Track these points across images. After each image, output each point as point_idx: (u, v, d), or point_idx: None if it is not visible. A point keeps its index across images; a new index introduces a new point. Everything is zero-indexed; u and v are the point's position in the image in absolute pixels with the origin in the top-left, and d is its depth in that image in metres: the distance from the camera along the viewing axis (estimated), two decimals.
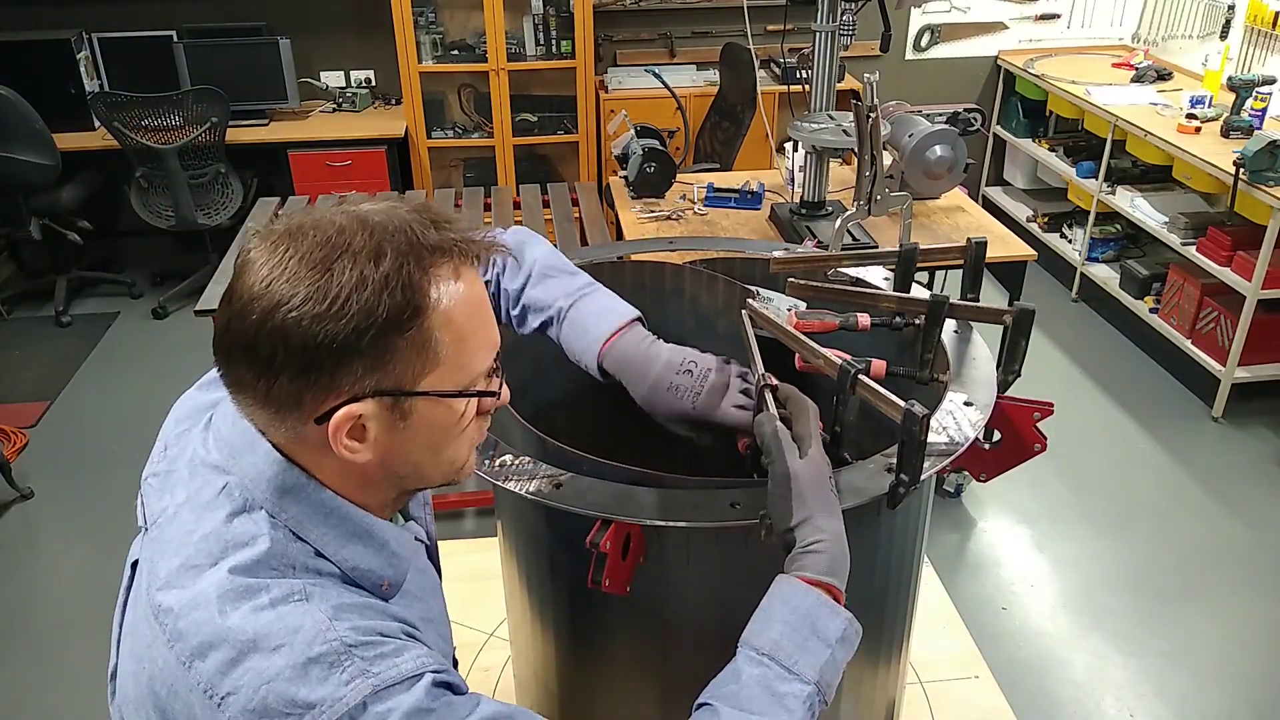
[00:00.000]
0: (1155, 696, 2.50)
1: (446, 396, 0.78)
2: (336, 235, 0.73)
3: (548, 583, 1.14)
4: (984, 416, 1.03)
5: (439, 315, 0.75)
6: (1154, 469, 3.36)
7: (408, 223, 0.75)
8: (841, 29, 2.75)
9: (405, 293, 0.72)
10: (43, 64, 4.31)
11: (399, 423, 0.77)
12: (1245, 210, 3.41)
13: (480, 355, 0.80)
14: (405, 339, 0.73)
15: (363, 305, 0.71)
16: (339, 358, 0.72)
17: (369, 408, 0.74)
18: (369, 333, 0.71)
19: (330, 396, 0.74)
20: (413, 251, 0.74)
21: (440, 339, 0.75)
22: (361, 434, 0.76)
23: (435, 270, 0.75)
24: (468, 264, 0.78)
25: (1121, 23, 5.01)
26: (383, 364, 0.73)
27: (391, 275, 0.72)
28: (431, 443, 0.80)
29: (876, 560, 1.07)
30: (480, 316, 0.80)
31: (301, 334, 0.70)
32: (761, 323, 1.10)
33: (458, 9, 4.62)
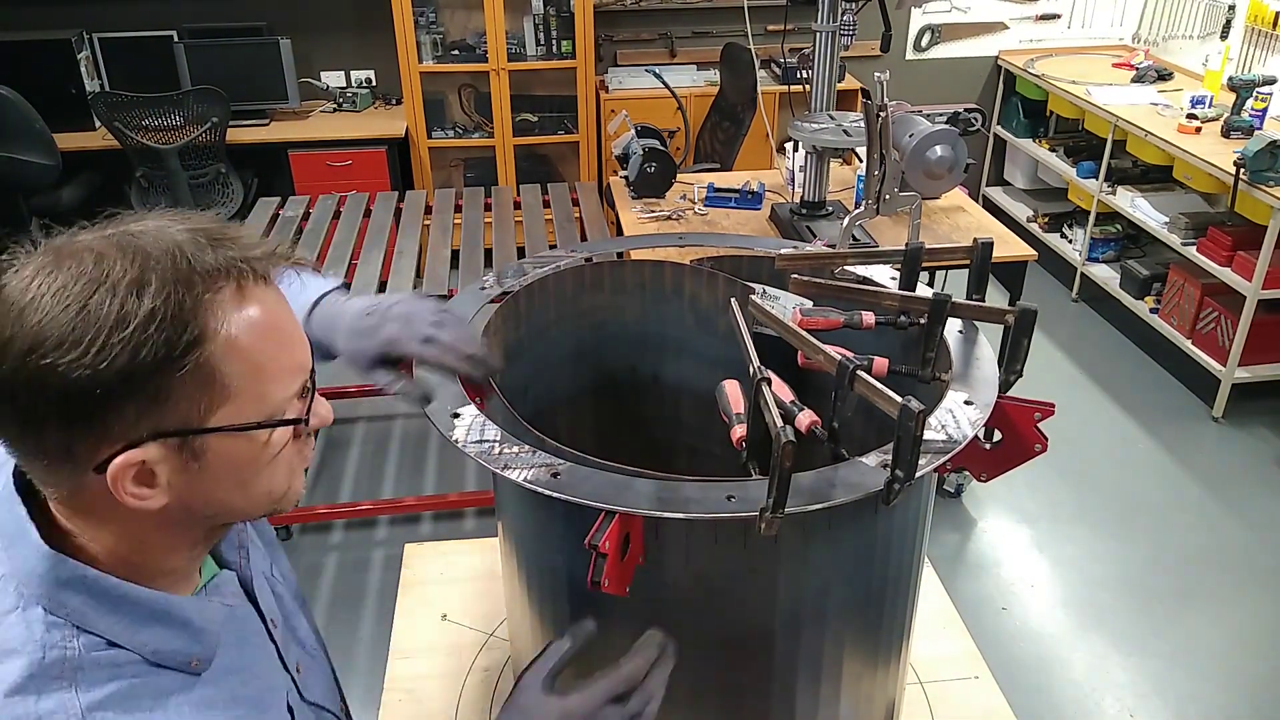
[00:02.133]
0: (1155, 696, 2.50)
1: (243, 430, 0.71)
2: (94, 265, 0.65)
3: (548, 583, 1.14)
4: (984, 416, 1.03)
5: (221, 345, 0.68)
6: (1154, 469, 3.36)
7: (178, 244, 0.68)
8: (842, 29, 2.75)
9: (175, 326, 0.65)
10: (43, 64, 4.31)
11: (192, 463, 0.70)
12: (1245, 210, 3.41)
13: (282, 382, 0.73)
14: (180, 376, 0.66)
15: (125, 344, 0.63)
16: (106, 403, 0.65)
17: (152, 452, 0.67)
18: (136, 374, 0.64)
19: (104, 445, 0.66)
20: (182, 278, 0.66)
21: (226, 370, 0.68)
22: (150, 480, 0.69)
23: (213, 296, 0.67)
24: (256, 283, 0.71)
25: (1122, 23, 5.01)
26: (159, 405, 0.66)
27: (158, 308, 0.64)
28: (236, 479, 0.73)
29: (876, 559, 1.07)
30: (278, 340, 0.72)
31: (60, 380, 0.63)
32: (763, 319, 1.10)
33: (458, 9, 4.62)
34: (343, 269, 2.88)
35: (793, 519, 0.88)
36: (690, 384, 1.45)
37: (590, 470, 0.96)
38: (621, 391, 1.50)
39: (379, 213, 3.32)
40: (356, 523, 3.13)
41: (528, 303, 1.36)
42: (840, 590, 1.06)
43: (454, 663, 1.54)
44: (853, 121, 2.76)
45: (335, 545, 3.05)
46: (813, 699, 1.12)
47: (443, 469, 3.39)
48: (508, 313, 1.32)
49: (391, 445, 3.51)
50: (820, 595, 1.05)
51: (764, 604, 1.03)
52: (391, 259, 2.99)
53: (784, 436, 0.84)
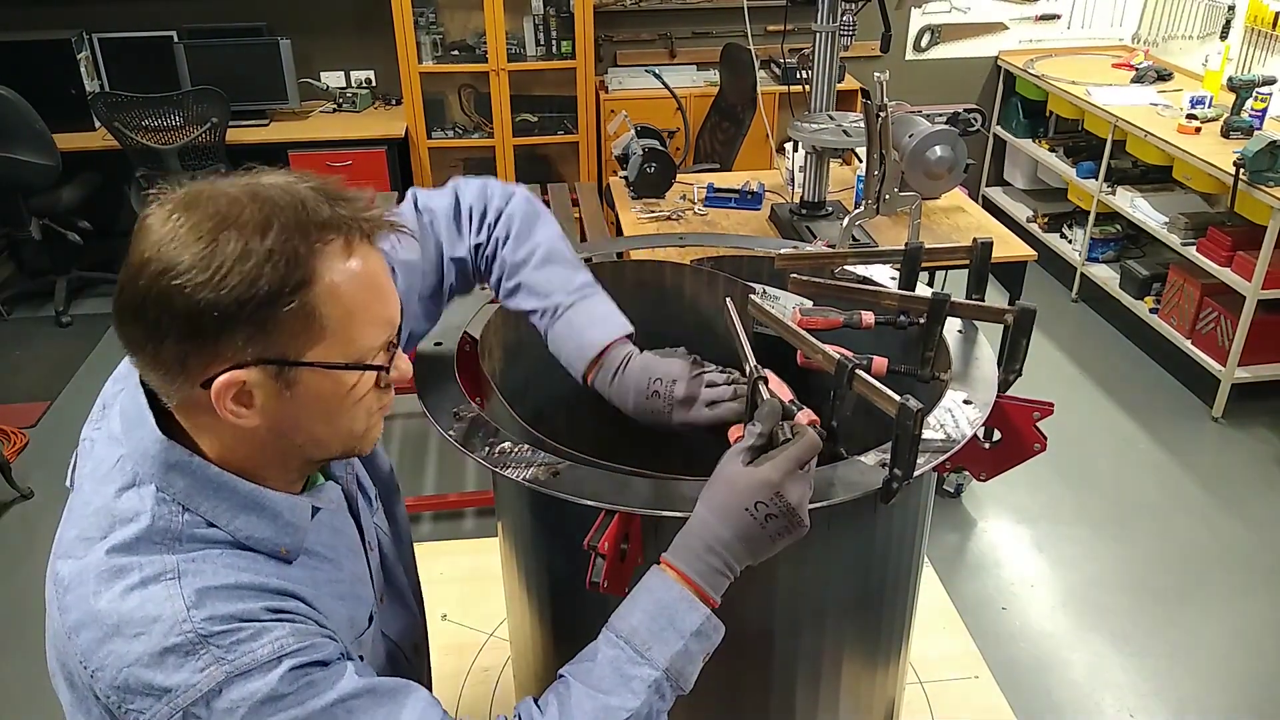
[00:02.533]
0: (1155, 696, 2.49)
1: (332, 369, 0.79)
2: (227, 206, 0.74)
3: (548, 583, 1.14)
4: (983, 415, 1.03)
5: (324, 290, 0.76)
6: (1154, 469, 3.35)
7: (302, 198, 0.77)
8: (842, 29, 2.75)
9: (288, 266, 0.74)
10: (43, 64, 4.31)
11: (285, 391, 0.78)
12: (1245, 210, 3.41)
13: (370, 331, 0.81)
14: (287, 311, 0.75)
15: (244, 276, 0.72)
16: (221, 325, 0.73)
17: (253, 375, 0.76)
18: (250, 303, 0.73)
19: (214, 362, 0.76)
20: (300, 226, 0.75)
21: (325, 313, 0.77)
22: (248, 400, 0.78)
23: (324, 246, 0.77)
24: (362, 241, 0.80)
25: (1122, 23, 5.01)
26: (265, 334, 0.75)
27: (276, 249, 0.74)
28: (323, 412, 0.82)
29: (875, 558, 1.07)
30: (373, 293, 0.81)
31: (185, 300, 0.72)
32: (763, 318, 1.10)
33: (458, 9, 4.62)
34: None
35: None
36: None
37: (589, 470, 0.96)
38: None
39: None
40: None
41: None
42: (839, 589, 1.06)
43: (454, 663, 1.54)
44: (852, 122, 2.76)
45: None
46: (812, 699, 1.12)
47: (443, 469, 3.39)
48: (508, 312, 1.32)
49: (391, 445, 3.51)
50: (819, 594, 1.05)
51: (763, 603, 1.03)
52: None
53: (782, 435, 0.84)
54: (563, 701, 0.84)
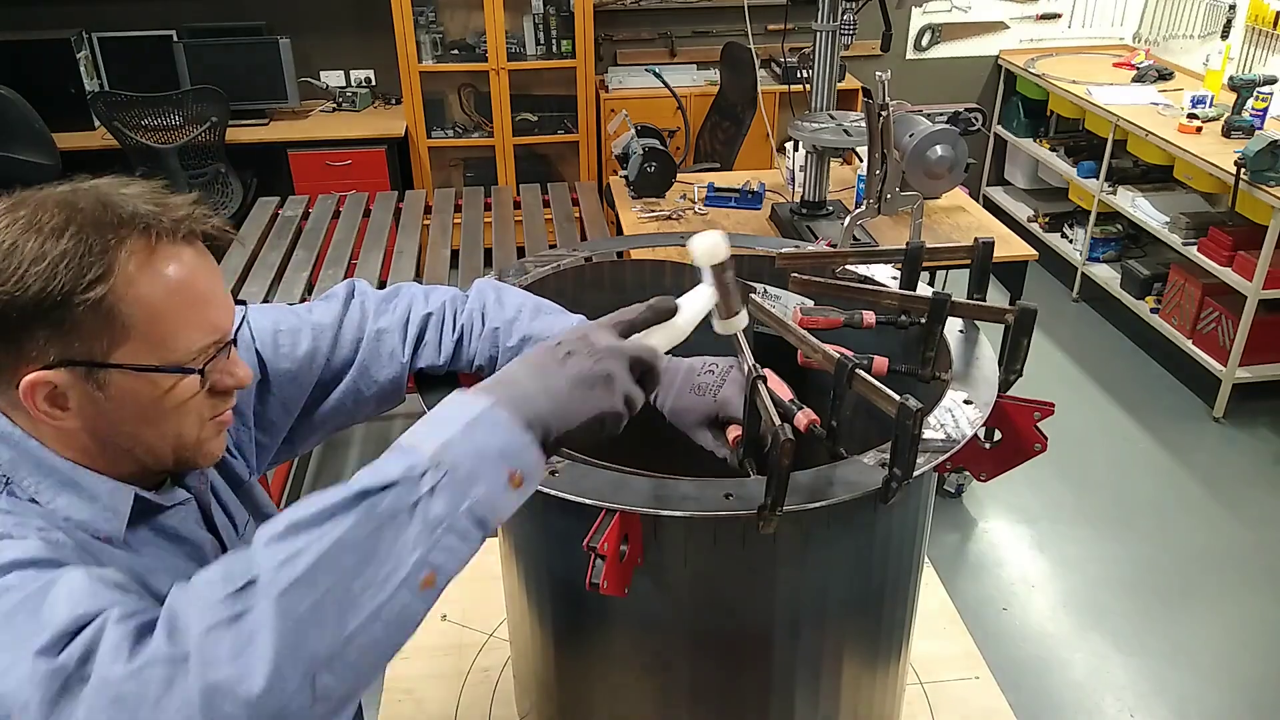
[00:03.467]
0: (1156, 697, 2.49)
1: (140, 370, 0.79)
2: (33, 211, 0.76)
3: (547, 583, 1.13)
4: (983, 415, 1.03)
5: (122, 288, 0.76)
6: (1155, 469, 3.35)
7: (107, 199, 0.78)
8: (842, 29, 2.74)
9: (83, 264, 0.75)
10: (43, 64, 4.31)
11: (96, 393, 0.79)
12: (1246, 210, 3.41)
13: (186, 334, 0.80)
14: (83, 310, 0.75)
15: (39, 276, 0.74)
16: (21, 325, 0.75)
17: (61, 377, 0.77)
18: (45, 302, 0.74)
19: (21, 365, 0.77)
20: (97, 226, 0.76)
21: (127, 312, 0.77)
22: (63, 402, 0.78)
23: (125, 245, 0.76)
24: (173, 241, 0.79)
25: (1122, 22, 5.01)
26: (65, 334, 0.76)
27: (69, 249, 0.74)
28: (141, 416, 0.81)
29: (875, 558, 1.07)
30: (188, 296, 0.80)
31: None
32: (763, 317, 1.10)
33: (458, 9, 4.62)
34: (342, 269, 2.88)
35: (791, 517, 0.88)
36: None
37: (588, 469, 0.96)
38: None
39: (378, 213, 3.32)
40: None
41: None
42: (839, 589, 1.06)
43: (454, 663, 1.54)
44: (853, 121, 2.75)
45: None
46: (812, 699, 1.11)
47: None
48: None
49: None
50: (819, 594, 1.05)
51: (763, 603, 1.03)
52: (391, 259, 2.99)
53: (782, 434, 0.84)
54: None
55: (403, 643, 0.69)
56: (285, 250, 3.02)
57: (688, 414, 1.06)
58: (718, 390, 1.04)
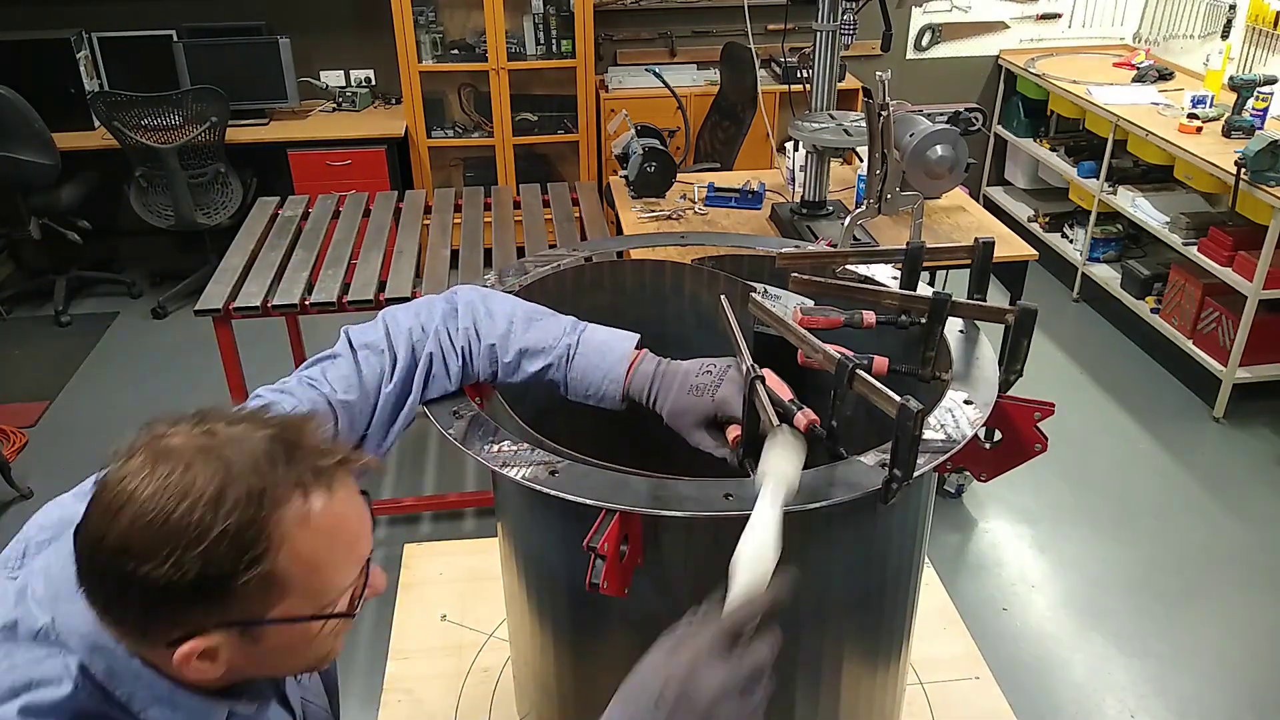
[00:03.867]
0: (1156, 697, 2.49)
1: (299, 621, 0.79)
2: (180, 474, 0.73)
3: (547, 583, 1.13)
4: (983, 415, 1.03)
5: (285, 554, 0.75)
6: (1155, 469, 3.35)
7: (256, 457, 0.75)
8: (842, 28, 2.74)
9: (244, 542, 0.73)
10: (43, 64, 4.30)
11: (251, 646, 0.78)
12: (1246, 210, 3.41)
13: (338, 577, 0.80)
14: (248, 583, 0.74)
15: (198, 559, 0.71)
16: (180, 602, 0.73)
17: (215, 639, 0.76)
18: (205, 583, 0.72)
19: (176, 630, 0.75)
20: (255, 494, 0.74)
21: (288, 574, 0.76)
22: (213, 656, 0.77)
23: (282, 511, 0.75)
24: (323, 491, 0.78)
25: (1123, 22, 5.01)
26: (226, 604, 0.74)
27: (230, 526, 0.72)
28: (289, 654, 0.82)
29: (875, 559, 1.07)
30: (338, 540, 0.80)
31: (142, 584, 0.72)
32: (763, 317, 1.09)
33: (458, 8, 4.62)
34: (342, 269, 2.88)
35: (791, 518, 0.88)
36: None
37: (588, 469, 0.95)
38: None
39: (378, 212, 3.32)
40: None
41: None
42: (839, 590, 1.06)
43: (454, 663, 1.54)
44: (853, 121, 2.75)
45: None
46: (812, 699, 1.11)
47: (442, 469, 3.39)
48: None
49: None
50: (819, 595, 1.05)
51: None
52: (391, 259, 2.99)
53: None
54: None
55: None
56: (285, 250, 3.01)
57: (685, 416, 1.06)
58: (715, 390, 1.04)
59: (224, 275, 2.85)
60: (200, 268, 4.47)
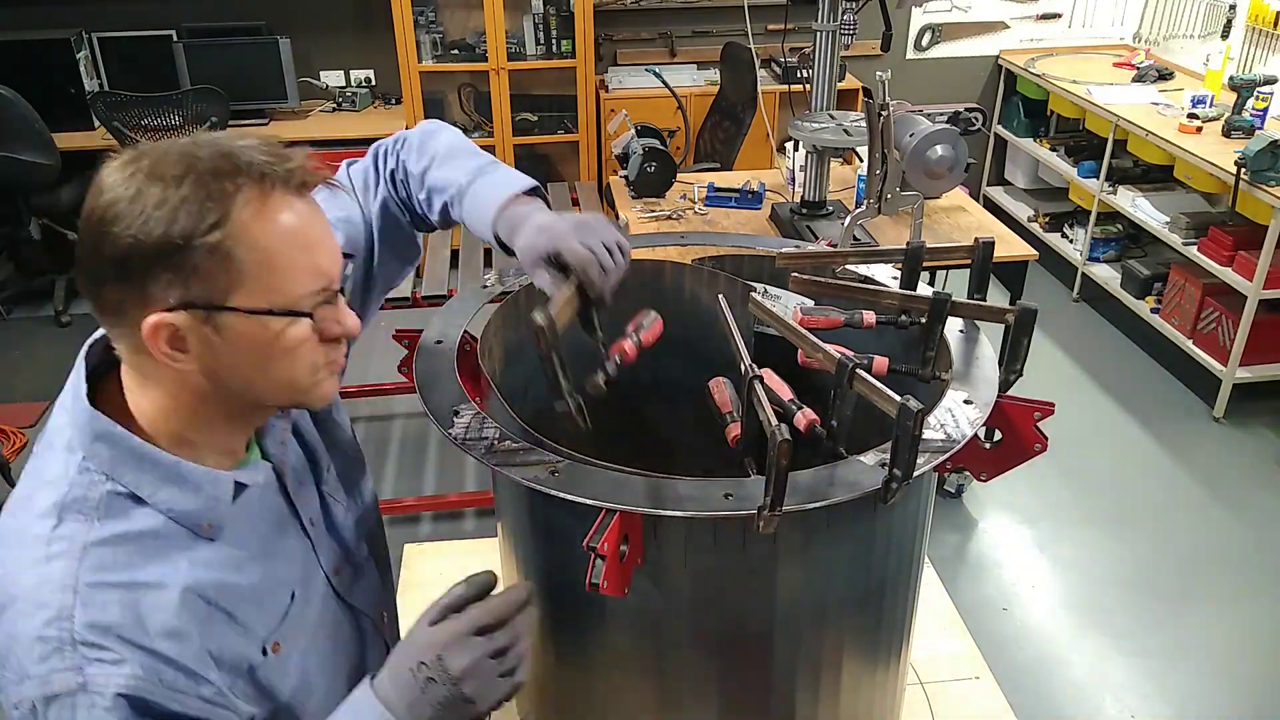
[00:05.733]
0: (1156, 697, 2.49)
1: (254, 314, 0.81)
2: (155, 162, 0.80)
3: (547, 583, 1.13)
4: (983, 415, 1.03)
5: (237, 233, 0.79)
6: (1155, 469, 3.35)
7: (227, 149, 0.81)
8: (842, 28, 2.74)
9: (201, 210, 0.78)
10: (43, 64, 4.30)
11: (214, 336, 0.81)
12: (1246, 210, 3.41)
13: (296, 278, 0.83)
14: (202, 254, 0.78)
15: (161, 220, 0.77)
16: (145, 268, 0.78)
17: (181, 319, 0.80)
18: (167, 246, 0.77)
19: (145, 307, 0.80)
20: (215, 174, 0.79)
21: (241, 256, 0.79)
22: (182, 344, 0.81)
23: (241, 193, 0.80)
24: (285, 190, 0.82)
25: (1123, 22, 5.00)
26: (185, 276, 0.79)
27: (190, 195, 0.78)
28: (255, 359, 0.84)
29: (875, 558, 1.07)
30: (295, 240, 0.82)
31: (113, 245, 0.78)
32: (764, 317, 1.09)
33: (458, 8, 4.62)
34: None
35: (791, 517, 0.88)
36: (690, 384, 1.44)
37: (588, 469, 0.95)
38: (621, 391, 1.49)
39: None
40: None
41: (528, 302, 1.35)
42: (839, 590, 1.06)
43: None
44: (853, 121, 2.75)
45: None
46: (812, 699, 1.11)
47: (442, 469, 3.39)
48: (508, 312, 1.32)
49: (391, 445, 3.51)
50: (819, 595, 1.05)
51: (763, 604, 1.03)
52: None
53: (779, 434, 0.84)
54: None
55: None
56: None
57: (528, 252, 1.05)
58: (556, 230, 1.03)
59: None
60: None
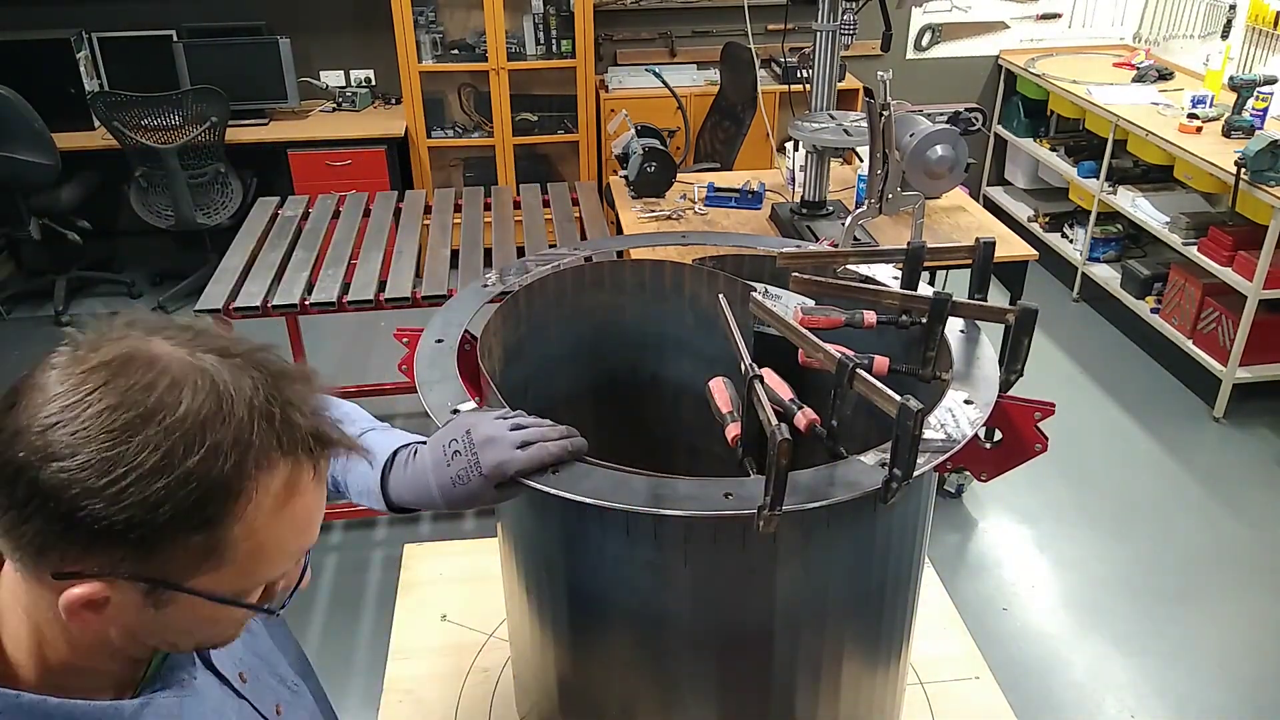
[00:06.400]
0: (1156, 697, 2.49)
1: (216, 601, 0.67)
2: (155, 396, 0.61)
3: (547, 583, 1.13)
4: (983, 415, 1.03)
5: (243, 526, 0.64)
6: (1155, 469, 3.35)
7: (257, 403, 0.64)
8: (842, 28, 2.74)
9: (206, 496, 0.61)
10: (43, 64, 4.30)
11: (149, 609, 0.65)
12: (1246, 210, 3.41)
13: (277, 565, 0.70)
14: (189, 543, 0.62)
15: (147, 496, 0.59)
16: (100, 539, 0.60)
17: (118, 590, 0.63)
18: (143, 527, 0.60)
19: (78, 564, 0.62)
20: (242, 446, 0.62)
21: (236, 547, 0.65)
22: (100, 609, 0.64)
23: (262, 475, 0.64)
24: (309, 465, 0.68)
25: (1123, 22, 5.00)
26: (150, 556, 0.62)
27: (199, 472, 0.60)
28: (187, 630, 0.70)
29: (875, 558, 1.07)
30: (295, 526, 0.69)
31: (66, 503, 0.59)
32: (764, 316, 1.09)
33: (458, 8, 4.62)
34: (342, 269, 2.88)
35: (791, 517, 0.88)
36: (690, 383, 1.44)
37: (588, 468, 0.95)
38: (621, 391, 1.50)
39: (378, 212, 3.32)
40: (356, 523, 3.13)
41: (528, 302, 1.35)
42: (839, 590, 1.06)
43: (454, 663, 1.53)
44: (853, 121, 2.75)
45: (334, 546, 3.05)
46: (812, 699, 1.11)
47: None
48: (508, 312, 1.32)
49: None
50: (819, 595, 1.05)
51: (763, 604, 1.03)
52: (391, 259, 2.99)
53: (779, 434, 0.84)
54: None
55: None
56: (285, 250, 3.01)
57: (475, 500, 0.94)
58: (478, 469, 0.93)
59: (224, 275, 2.85)
60: (200, 268, 4.47)
